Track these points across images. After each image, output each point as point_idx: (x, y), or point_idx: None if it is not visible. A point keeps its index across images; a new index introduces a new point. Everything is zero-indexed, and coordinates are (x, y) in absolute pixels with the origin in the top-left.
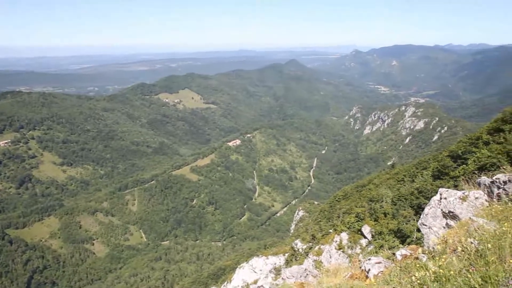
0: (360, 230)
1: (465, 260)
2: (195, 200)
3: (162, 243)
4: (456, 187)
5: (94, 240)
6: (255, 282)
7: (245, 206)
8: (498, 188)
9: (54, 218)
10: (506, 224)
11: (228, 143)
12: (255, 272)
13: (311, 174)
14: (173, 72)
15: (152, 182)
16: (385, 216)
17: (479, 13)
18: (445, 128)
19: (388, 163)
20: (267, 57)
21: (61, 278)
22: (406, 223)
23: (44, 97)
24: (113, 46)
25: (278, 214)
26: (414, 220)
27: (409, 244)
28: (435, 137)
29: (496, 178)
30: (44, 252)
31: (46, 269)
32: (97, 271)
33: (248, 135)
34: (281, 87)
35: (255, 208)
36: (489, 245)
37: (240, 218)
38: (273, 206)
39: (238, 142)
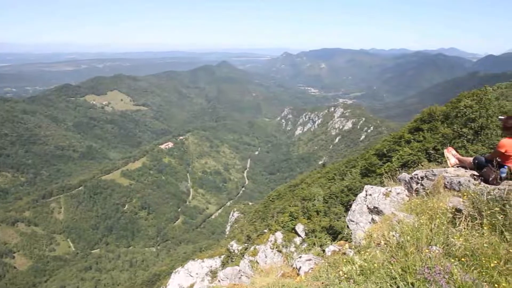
0: (294, 228)
1: (388, 252)
2: (126, 206)
3: (92, 251)
4: (382, 183)
5: (14, 253)
6: (192, 286)
7: (179, 209)
8: (417, 183)
9: None
10: (423, 217)
11: (160, 146)
12: (191, 276)
13: (245, 175)
14: (100, 73)
15: (80, 188)
16: (318, 214)
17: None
18: (371, 128)
19: (319, 163)
20: (198, 59)
21: None
22: (338, 220)
23: None
24: (36, 44)
25: (213, 216)
26: (344, 216)
27: (340, 240)
28: (363, 137)
29: (414, 174)
30: None
31: None
32: (18, 286)
33: (181, 137)
34: (213, 89)
35: (190, 211)
36: (408, 237)
37: (175, 222)
38: (207, 208)
39: (170, 144)
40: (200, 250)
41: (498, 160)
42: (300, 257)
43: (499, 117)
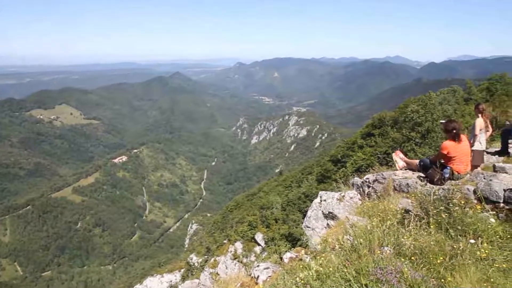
0: (253, 238)
1: (342, 256)
2: (79, 223)
3: (43, 274)
4: (338, 188)
5: None
6: None
7: (135, 224)
8: (368, 187)
9: None
10: (375, 219)
11: (113, 160)
12: None
13: (202, 186)
14: (46, 86)
15: (28, 207)
16: (276, 222)
17: (347, 31)
18: (325, 134)
19: (276, 171)
20: (151, 70)
21: None
22: (296, 227)
23: None
24: None
25: (171, 230)
26: (302, 223)
27: (299, 246)
28: (317, 144)
29: (366, 178)
30: None
31: None
32: None
33: (135, 151)
34: (167, 100)
35: (147, 225)
36: (361, 240)
37: (131, 238)
38: (165, 222)
39: (124, 158)
40: (159, 265)
41: (442, 161)
42: (258, 266)
43: (440, 121)
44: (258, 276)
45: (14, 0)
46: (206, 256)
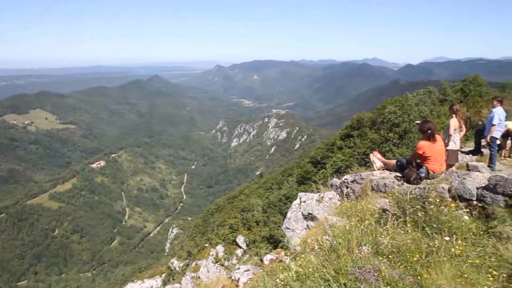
0: (235, 240)
1: (321, 256)
2: (57, 230)
3: (18, 284)
4: (317, 189)
5: None
6: None
7: (115, 230)
8: (347, 187)
9: None
10: (353, 219)
11: (91, 165)
12: None
13: (182, 190)
14: (21, 90)
15: (2, 215)
16: (257, 224)
17: (325, 33)
18: (305, 136)
19: (257, 173)
20: (129, 73)
21: None
22: (277, 229)
23: None
24: None
25: (151, 235)
26: (283, 225)
27: (281, 248)
28: (297, 145)
29: (344, 179)
30: None
31: None
32: None
33: (113, 155)
34: (145, 104)
35: (126, 231)
36: (340, 240)
37: (111, 244)
38: (145, 227)
39: (102, 163)
40: (139, 271)
41: (418, 161)
42: (238, 268)
43: (416, 121)
44: (238, 279)
45: None
46: (187, 260)
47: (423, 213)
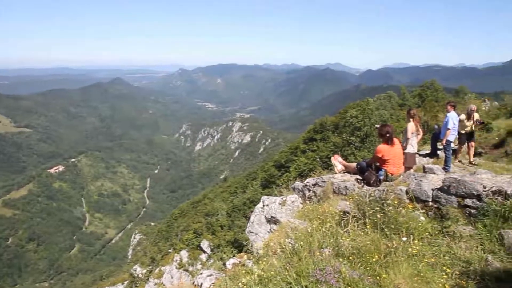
0: (199, 245)
1: (283, 259)
2: (10, 239)
3: None
4: (280, 193)
5: None
6: None
7: (74, 237)
8: (309, 190)
9: None
10: (315, 222)
11: (49, 170)
12: None
13: (145, 195)
14: None
15: None
16: (222, 228)
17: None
18: (269, 140)
19: (221, 177)
20: (90, 76)
21: None
22: (242, 233)
23: None
24: None
25: (113, 241)
26: (247, 229)
27: (245, 252)
28: (261, 149)
29: (307, 182)
30: None
31: None
32: None
33: (73, 160)
34: (107, 107)
35: (86, 237)
36: (302, 243)
37: (70, 251)
38: (106, 233)
39: (61, 168)
40: (100, 279)
41: (377, 164)
42: (201, 273)
43: (376, 125)
44: (201, 284)
45: None
46: (150, 267)
47: (382, 214)
